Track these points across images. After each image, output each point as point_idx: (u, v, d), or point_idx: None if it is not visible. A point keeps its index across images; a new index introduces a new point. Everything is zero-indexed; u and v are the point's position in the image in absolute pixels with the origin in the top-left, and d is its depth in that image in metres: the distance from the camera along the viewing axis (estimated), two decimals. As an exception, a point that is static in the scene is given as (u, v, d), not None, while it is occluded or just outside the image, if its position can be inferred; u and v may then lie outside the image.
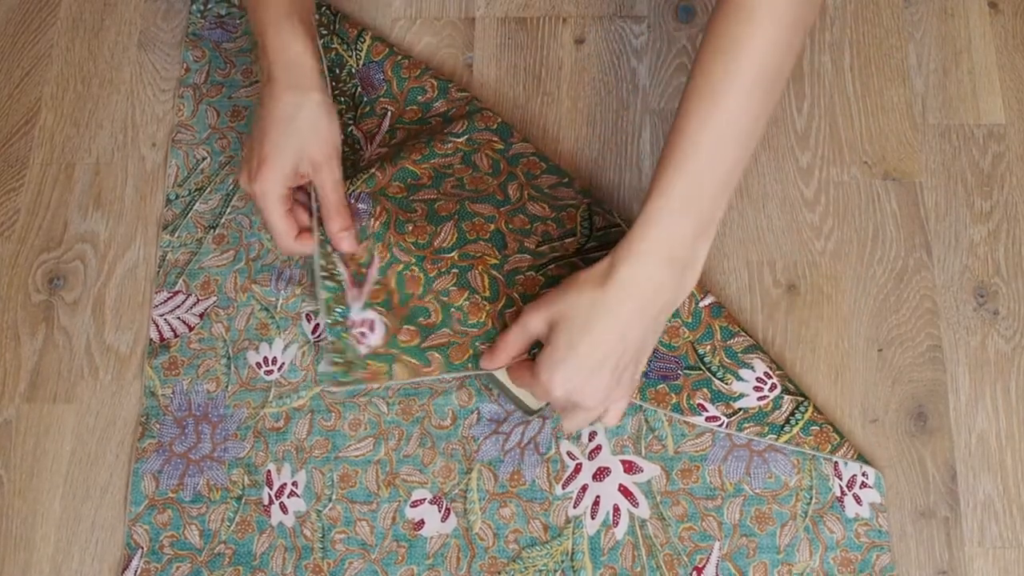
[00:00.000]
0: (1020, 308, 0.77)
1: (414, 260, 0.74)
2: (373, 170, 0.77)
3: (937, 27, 0.85)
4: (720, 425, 0.72)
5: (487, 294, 0.72)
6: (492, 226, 0.75)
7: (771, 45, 0.62)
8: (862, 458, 0.72)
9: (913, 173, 0.81)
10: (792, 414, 0.73)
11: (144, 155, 0.85)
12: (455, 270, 0.73)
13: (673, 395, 0.73)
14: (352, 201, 0.76)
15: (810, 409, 0.73)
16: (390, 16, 0.88)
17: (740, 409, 0.73)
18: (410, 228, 0.74)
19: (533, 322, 0.66)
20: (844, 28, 0.86)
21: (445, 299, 0.73)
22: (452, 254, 0.74)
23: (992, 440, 0.74)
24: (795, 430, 0.72)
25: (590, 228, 0.77)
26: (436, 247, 0.74)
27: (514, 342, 0.68)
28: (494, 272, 0.73)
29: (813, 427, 0.72)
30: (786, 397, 0.73)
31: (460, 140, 0.80)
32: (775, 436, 0.72)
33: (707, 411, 0.73)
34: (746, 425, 0.72)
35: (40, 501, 0.75)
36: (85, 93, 0.87)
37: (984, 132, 0.82)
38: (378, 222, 0.75)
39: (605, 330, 0.63)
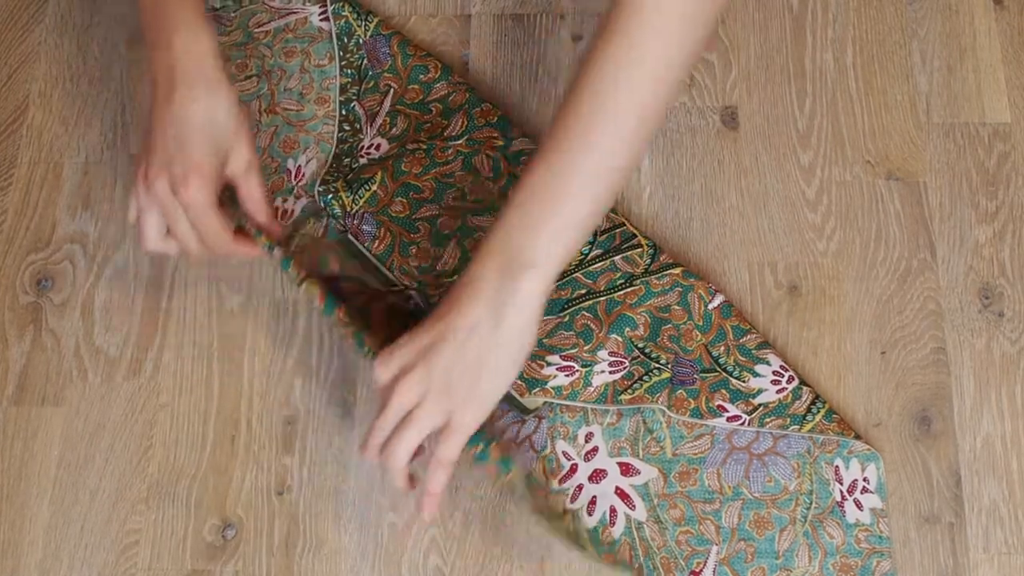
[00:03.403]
0: (1026, 310, 0.76)
1: (416, 286, 0.74)
2: (375, 188, 0.77)
3: (941, 24, 0.84)
4: (742, 424, 0.71)
5: None
6: None
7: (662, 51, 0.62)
8: (874, 454, 0.72)
9: (917, 172, 0.80)
10: (813, 403, 0.72)
11: (134, 154, 0.83)
12: None
13: (691, 400, 0.72)
14: (355, 223, 0.75)
15: (828, 403, 0.73)
16: (384, 13, 0.87)
17: (760, 405, 0.72)
18: (413, 251, 0.75)
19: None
20: (847, 25, 0.85)
21: None
22: (454, 279, 0.73)
23: (997, 444, 0.73)
24: (818, 418, 0.71)
25: (593, 236, 0.76)
26: (438, 271, 0.74)
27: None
28: None
29: (835, 415, 0.72)
30: (804, 388, 0.73)
31: (460, 143, 0.79)
32: (798, 427, 0.71)
33: (728, 411, 0.72)
34: (768, 420, 0.71)
35: (28, 505, 0.74)
36: (74, 91, 0.86)
37: (989, 131, 0.81)
38: (383, 244, 0.75)
39: (436, 320, 0.64)
